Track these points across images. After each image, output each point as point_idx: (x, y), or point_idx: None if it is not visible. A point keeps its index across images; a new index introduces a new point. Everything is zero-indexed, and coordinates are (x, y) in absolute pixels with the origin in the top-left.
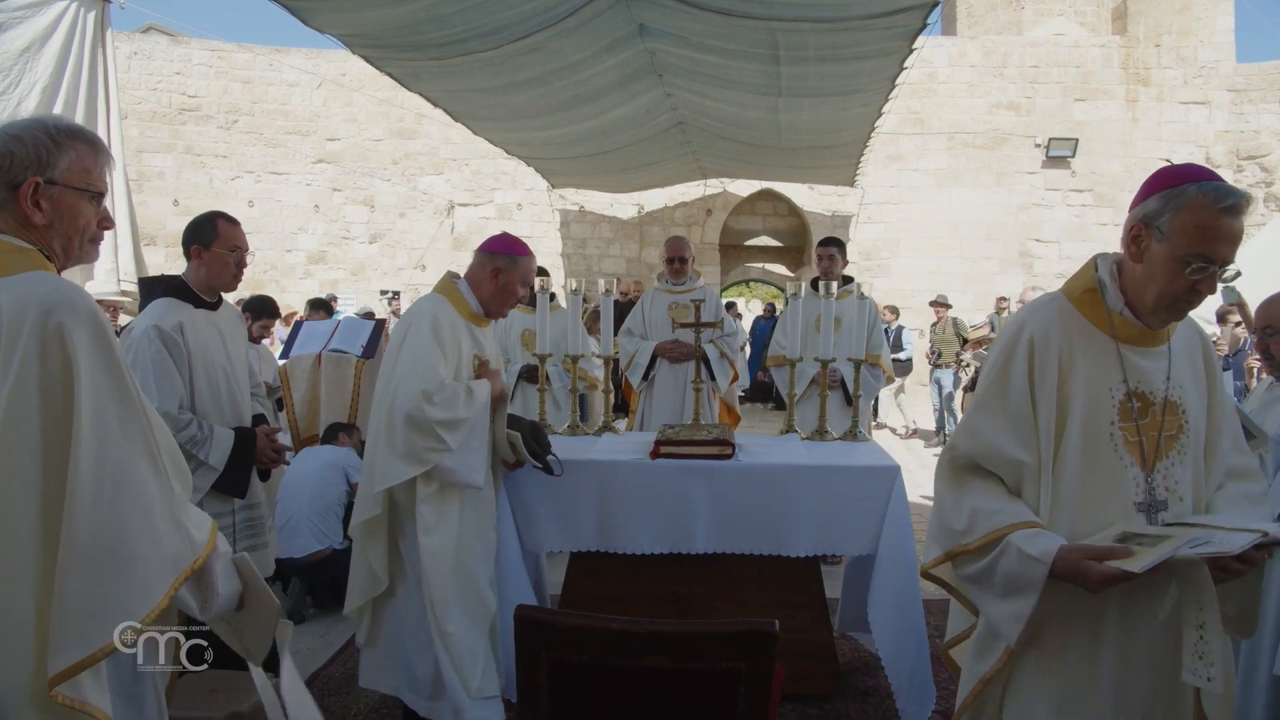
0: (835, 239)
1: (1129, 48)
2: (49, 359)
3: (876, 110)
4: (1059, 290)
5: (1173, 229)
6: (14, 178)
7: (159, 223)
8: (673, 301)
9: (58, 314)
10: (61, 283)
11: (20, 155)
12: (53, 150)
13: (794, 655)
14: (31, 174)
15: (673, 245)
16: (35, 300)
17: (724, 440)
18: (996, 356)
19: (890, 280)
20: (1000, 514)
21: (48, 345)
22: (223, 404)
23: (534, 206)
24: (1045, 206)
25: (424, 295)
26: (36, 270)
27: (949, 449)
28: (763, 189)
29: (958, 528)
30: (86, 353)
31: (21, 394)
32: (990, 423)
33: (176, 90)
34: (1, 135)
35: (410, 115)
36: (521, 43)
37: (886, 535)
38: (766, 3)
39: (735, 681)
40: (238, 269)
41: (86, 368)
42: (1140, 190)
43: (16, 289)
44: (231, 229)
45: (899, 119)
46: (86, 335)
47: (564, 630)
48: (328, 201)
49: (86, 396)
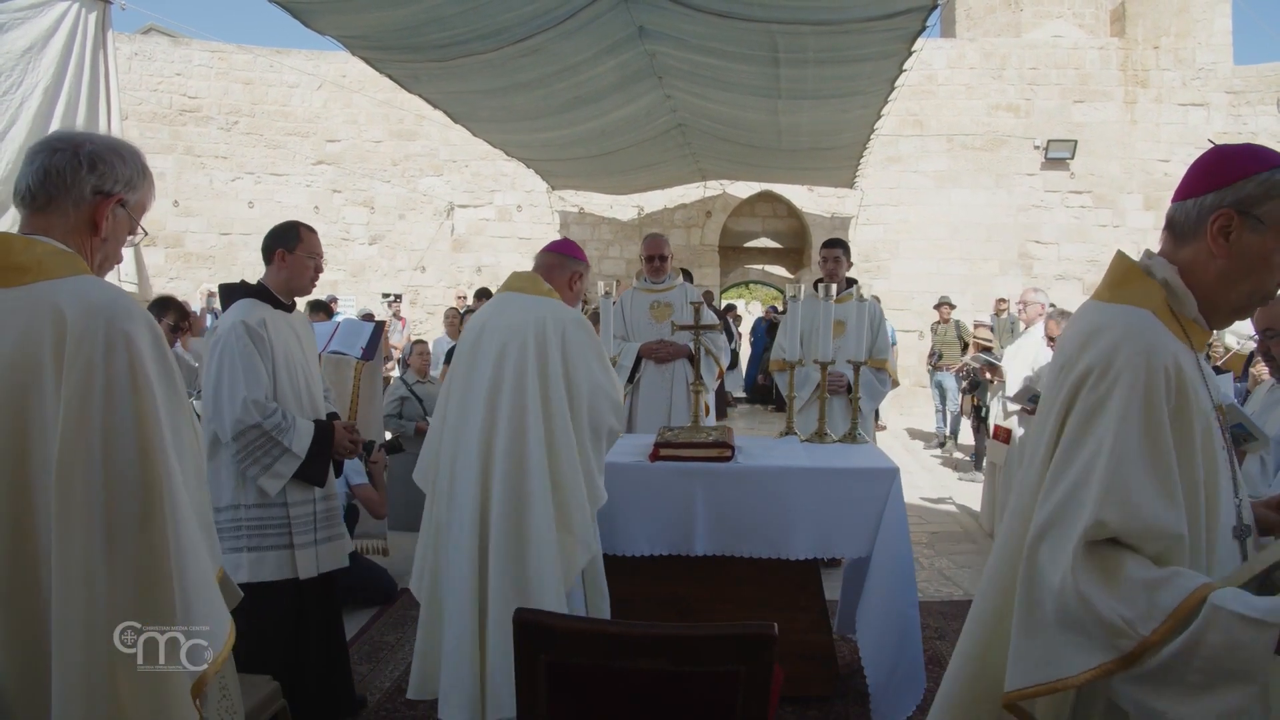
0: (840, 240)
1: (1127, 50)
2: (115, 364)
3: (876, 112)
4: (1131, 304)
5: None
6: (104, 186)
7: (159, 223)
8: (654, 301)
9: (122, 320)
10: (120, 291)
11: (120, 170)
12: (140, 179)
13: (793, 657)
14: (120, 190)
15: (651, 243)
16: (101, 305)
17: (723, 443)
18: (1129, 401)
19: (890, 282)
20: (1178, 578)
21: (114, 350)
22: (301, 399)
23: (534, 208)
24: (1044, 208)
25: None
26: (85, 275)
27: (1083, 530)
28: (762, 191)
29: (1129, 615)
30: (149, 360)
31: (85, 396)
32: (1148, 491)
33: (177, 91)
34: (106, 143)
35: (410, 117)
36: (521, 44)
37: (883, 536)
38: (766, 5)
39: (734, 684)
40: (315, 274)
41: (150, 374)
42: (1202, 175)
43: (73, 291)
44: (312, 237)
45: (898, 121)
46: (149, 341)
47: (562, 633)
48: (327, 203)
49: (159, 403)
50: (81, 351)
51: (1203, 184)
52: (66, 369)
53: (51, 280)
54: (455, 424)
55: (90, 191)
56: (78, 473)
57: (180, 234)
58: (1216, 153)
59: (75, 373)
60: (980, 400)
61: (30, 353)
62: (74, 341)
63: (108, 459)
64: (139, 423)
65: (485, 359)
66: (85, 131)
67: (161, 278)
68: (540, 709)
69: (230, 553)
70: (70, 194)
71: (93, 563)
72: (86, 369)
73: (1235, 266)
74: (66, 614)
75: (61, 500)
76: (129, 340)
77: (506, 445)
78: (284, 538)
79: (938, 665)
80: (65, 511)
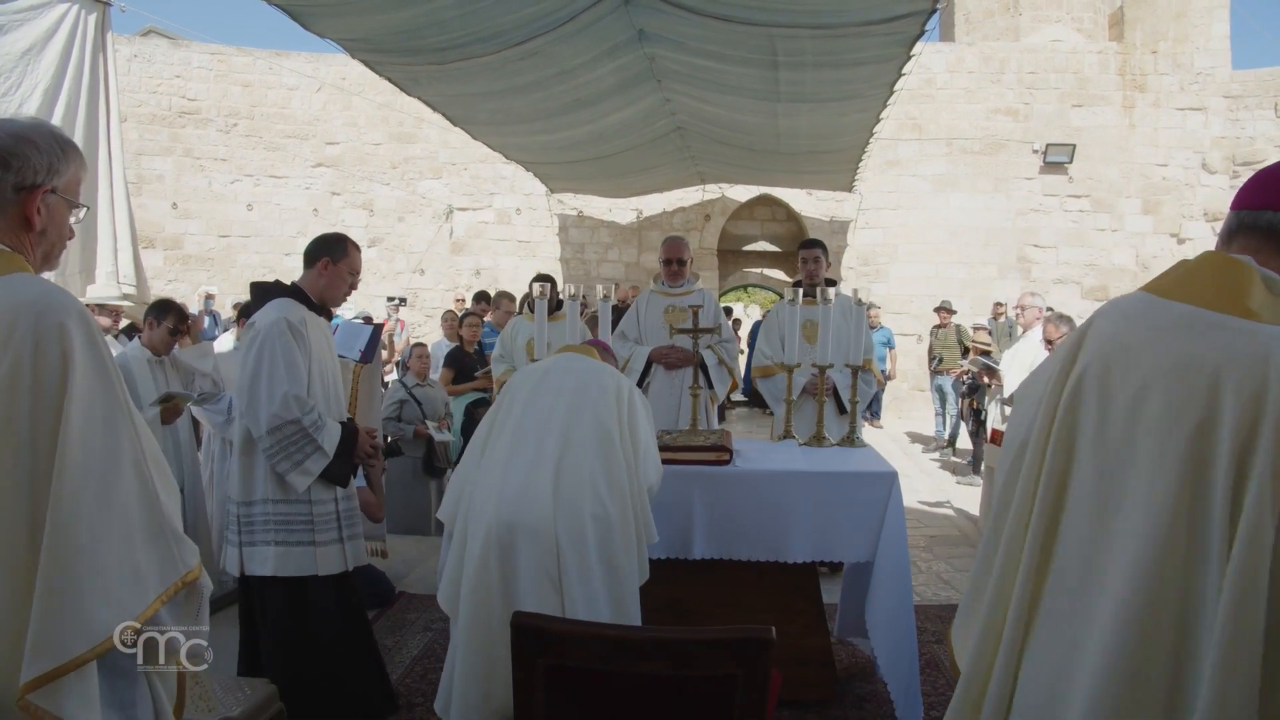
0: (818, 241)
1: (1126, 54)
2: (43, 358)
3: (875, 116)
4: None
5: None
6: (24, 180)
7: (158, 226)
8: (669, 305)
9: (54, 314)
10: (51, 285)
11: (34, 160)
12: (61, 159)
13: (791, 661)
14: (42, 180)
15: (670, 246)
16: (29, 301)
17: (721, 446)
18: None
19: (888, 285)
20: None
21: (43, 344)
22: (330, 401)
23: (533, 211)
24: (1043, 212)
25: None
26: (21, 273)
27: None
28: (761, 194)
29: None
30: (81, 353)
31: (11, 394)
32: None
33: (176, 93)
34: (11, 134)
35: (409, 120)
36: (521, 48)
37: (884, 541)
38: (765, 8)
39: (731, 688)
40: (350, 290)
41: (81, 367)
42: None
43: (4, 290)
44: (356, 255)
45: (897, 125)
46: (82, 336)
47: (560, 636)
48: (326, 205)
49: (79, 395)
50: (9, 348)
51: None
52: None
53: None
54: (509, 453)
55: (11, 190)
56: (3, 472)
57: (179, 236)
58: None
59: (2, 369)
60: (979, 404)
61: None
62: (2, 333)
63: (34, 453)
64: (65, 413)
65: (556, 395)
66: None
67: (160, 280)
68: (538, 712)
69: (261, 545)
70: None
71: (20, 561)
72: (14, 365)
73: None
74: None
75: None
76: (62, 332)
77: (592, 471)
78: (308, 534)
79: (935, 670)
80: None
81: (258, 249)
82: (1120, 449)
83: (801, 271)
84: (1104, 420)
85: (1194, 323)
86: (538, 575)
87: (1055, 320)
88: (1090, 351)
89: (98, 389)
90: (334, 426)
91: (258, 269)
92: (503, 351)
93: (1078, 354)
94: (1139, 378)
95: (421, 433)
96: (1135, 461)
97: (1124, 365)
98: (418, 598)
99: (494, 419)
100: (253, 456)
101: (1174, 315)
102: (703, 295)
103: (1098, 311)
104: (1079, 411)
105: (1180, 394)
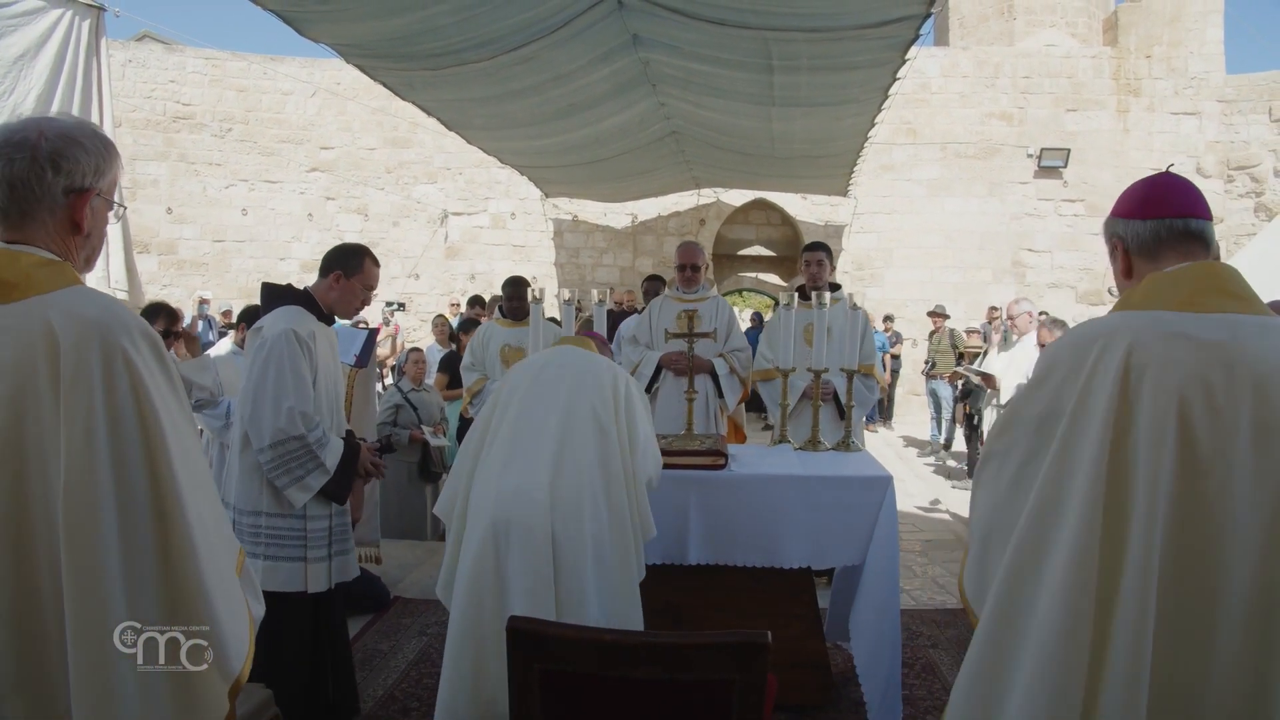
0: (822, 244)
1: (1120, 59)
2: (117, 389)
3: (869, 120)
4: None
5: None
6: (74, 183)
7: (152, 230)
8: (682, 311)
9: (117, 335)
10: (107, 299)
11: (85, 161)
12: (105, 160)
13: (787, 665)
14: (90, 182)
15: (684, 252)
16: (93, 322)
17: (717, 451)
18: None
19: (883, 290)
20: None
21: (113, 371)
22: (334, 415)
23: (527, 216)
24: (1037, 216)
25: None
26: (75, 285)
27: None
28: (756, 199)
29: None
30: (153, 375)
31: (90, 425)
32: None
33: (171, 98)
34: (60, 135)
35: (404, 124)
36: (515, 53)
37: (875, 545)
38: (759, 12)
39: (728, 692)
40: (361, 305)
41: (155, 391)
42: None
43: (65, 307)
44: (374, 269)
45: (892, 129)
46: (149, 355)
47: (556, 641)
48: (321, 210)
49: (165, 421)
50: (81, 378)
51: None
52: (65, 395)
53: (41, 295)
54: (507, 449)
55: (62, 193)
56: (87, 511)
57: (174, 241)
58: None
59: (77, 402)
60: (973, 408)
61: (25, 376)
62: (70, 366)
63: (121, 492)
64: (147, 449)
65: (554, 389)
66: (32, 119)
67: (155, 285)
68: (534, 717)
69: (248, 558)
70: (43, 202)
71: (112, 601)
72: (87, 397)
73: None
74: (83, 649)
75: (72, 538)
76: (127, 358)
77: (589, 466)
78: (299, 550)
79: (932, 674)
80: (77, 551)
81: (252, 254)
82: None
83: (804, 275)
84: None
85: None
86: (532, 572)
87: (1050, 325)
88: (1155, 387)
89: (172, 406)
90: (336, 443)
91: (253, 274)
92: (473, 360)
93: (1128, 393)
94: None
95: (417, 437)
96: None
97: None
98: (413, 602)
99: (491, 413)
100: (243, 462)
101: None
102: (716, 303)
103: (1133, 344)
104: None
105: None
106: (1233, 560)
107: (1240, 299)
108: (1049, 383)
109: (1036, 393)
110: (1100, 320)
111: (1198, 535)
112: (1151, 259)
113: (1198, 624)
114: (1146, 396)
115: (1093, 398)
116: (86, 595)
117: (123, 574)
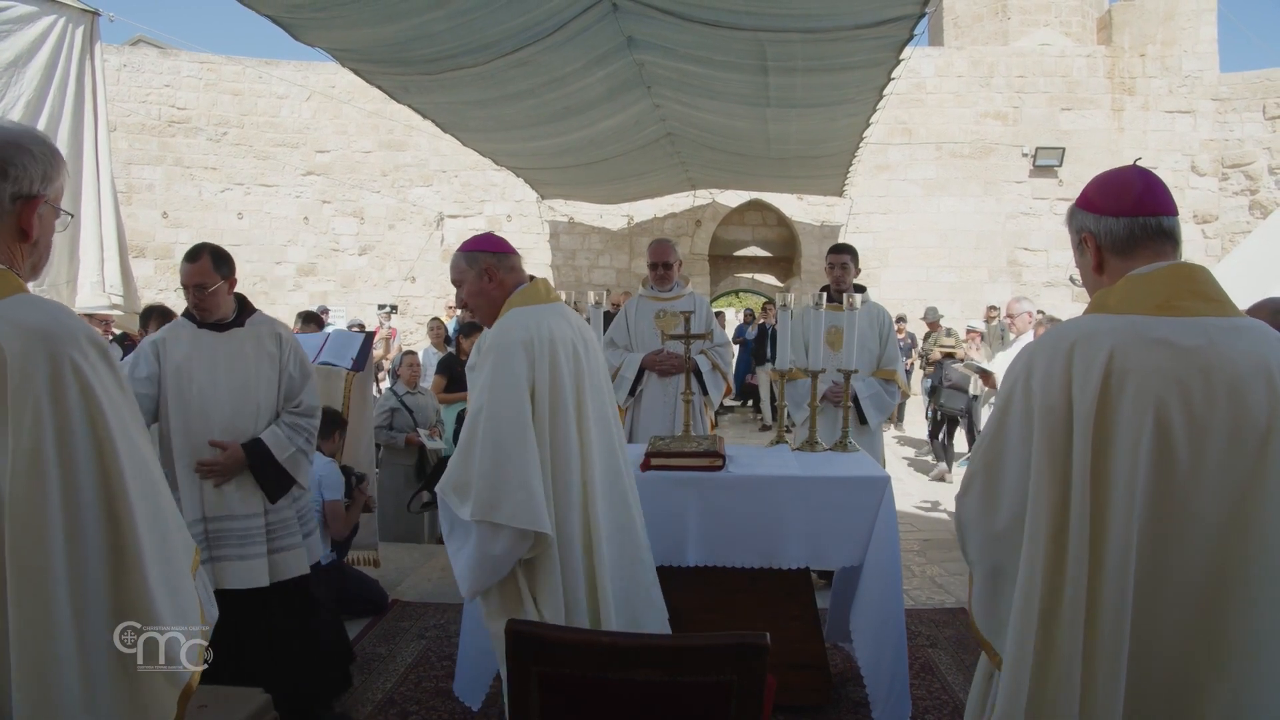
0: (847, 246)
1: (1114, 58)
2: (66, 400)
3: (864, 120)
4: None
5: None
6: (22, 190)
7: (148, 235)
8: (660, 310)
9: (64, 345)
10: (52, 306)
11: (33, 167)
12: (53, 167)
13: (786, 666)
14: (39, 189)
15: (656, 249)
16: (38, 330)
17: (714, 452)
18: None
19: (879, 290)
20: None
21: (61, 382)
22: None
23: (523, 218)
24: (1033, 215)
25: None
26: (18, 294)
27: None
28: (752, 200)
29: None
30: (102, 381)
31: (38, 439)
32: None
33: (166, 103)
34: (6, 141)
35: (400, 127)
36: (510, 57)
37: (874, 545)
38: (754, 14)
39: (726, 694)
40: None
41: (106, 399)
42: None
43: (8, 316)
44: (185, 266)
45: (887, 129)
46: (99, 362)
47: (554, 643)
48: (317, 213)
49: (115, 428)
50: (27, 387)
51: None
52: (11, 404)
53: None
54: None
55: (9, 200)
56: (33, 515)
57: (169, 245)
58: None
59: (22, 410)
60: (938, 404)
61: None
62: (15, 374)
63: (68, 498)
64: (99, 456)
65: (564, 370)
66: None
67: (151, 289)
68: (534, 718)
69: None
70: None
71: (56, 604)
72: (34, 405)
73: None
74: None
75: (16, 543)
76: (75, 366)
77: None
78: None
79: (930, 674)
80: (20, 553)
81: (249, 257)
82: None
83: (829, 277)
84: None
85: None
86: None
87: (1047, 324)
88: (1136, 392)
89: (122, 412)
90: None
91: (249, 277)
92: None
93: (1109, 398)
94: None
95: (413, 441)
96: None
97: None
98: (411, 605)
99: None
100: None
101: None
102: (694, 299)
103: (1114, 348)
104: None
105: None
106: (1193, 547)
107: (1214, 301)
108: (1032, 385)
109: (1014, 404)
110: (1077, 322)
111: (1170, 525)
112: (1125, 256)
113: (1162, 601)
114: (1128, 403)
115: (1076, 404)
116: (29, 598)
117: (68, 578)
